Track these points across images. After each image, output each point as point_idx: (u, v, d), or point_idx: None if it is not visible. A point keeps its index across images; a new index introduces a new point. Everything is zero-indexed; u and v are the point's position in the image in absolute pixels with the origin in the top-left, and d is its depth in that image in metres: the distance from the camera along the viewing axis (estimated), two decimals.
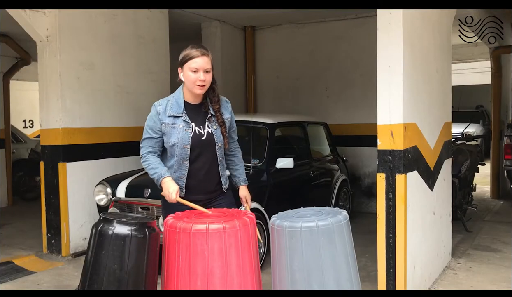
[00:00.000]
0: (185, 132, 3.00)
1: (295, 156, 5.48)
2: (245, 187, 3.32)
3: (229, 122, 3.17)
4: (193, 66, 2.94)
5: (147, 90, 6.42)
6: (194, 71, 2.94)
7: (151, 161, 3.04)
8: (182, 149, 3.00)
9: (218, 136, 3.07)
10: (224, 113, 3.13)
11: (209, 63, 2.97)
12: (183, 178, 3.04)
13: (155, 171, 3.01)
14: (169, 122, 3.02)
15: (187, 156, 3.01)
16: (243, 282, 2.61)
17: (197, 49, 2.97)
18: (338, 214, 2.75)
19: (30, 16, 5.22)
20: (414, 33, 3.90)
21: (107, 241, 2.63)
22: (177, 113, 3.02)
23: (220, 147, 3.09)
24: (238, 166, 3.32)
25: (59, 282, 4.69)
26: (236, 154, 3.32)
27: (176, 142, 2.99)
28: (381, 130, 3.75)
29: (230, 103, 3.22)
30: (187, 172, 3.03)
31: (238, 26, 8.20)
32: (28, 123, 14.51)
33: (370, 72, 4.61)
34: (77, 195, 5.57)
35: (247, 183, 3.34)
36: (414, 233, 3.94)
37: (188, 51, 2.97)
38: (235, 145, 3.32)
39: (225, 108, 3.15)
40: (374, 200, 4.18)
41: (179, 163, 3.02)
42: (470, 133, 10.68)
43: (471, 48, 11.94)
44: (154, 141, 3.07)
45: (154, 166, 3.02)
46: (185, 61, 2.97)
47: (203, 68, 2.94)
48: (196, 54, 2.94)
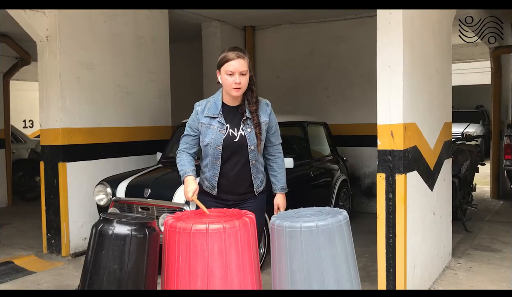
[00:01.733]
0: (219, 133, 3.04)
1: (295, 156, 5.47)
2: (281, 195, 3.27)
3: (266, 125, 3.13)
4: (228, 69, 2.96)
5: (147, 90, 6.42)
6: (230, 74, 2.97)
7: (182, 158, 3.13)
8: (214, 149, 3.05)
9: (251, 139, 3.06)
10: (262, 116, 3.10)
11: (245, 66, 2.98)
12: (215, 177, 3.09)
13: (182, 168, 3.09)
14: (205, 123, 3.07)
15: (219, 156, 3.05)
16: (243, 282, 2.61)
17: (233, 51, 2.99)
18: (338, 214, 2.74)
19: (30, 16, 5.22)
20: (414, 33, 3.90)
21: (107, 241, 2.63)
22: (214, 114, 3.06)
23: (253, 150, 3.08)
24: (276, 172, 3.27)
25: (59, 282, 4.69)
26: (275, 160, 3.27)
27: (210, 143, 3.05)
28: (381, 130, 3.75)
29: (270, 106, 3.19)
30: (219, 171, 3.08)
31: (238, 26, 8.20)
32: (28, 123, 14.51)
33: (370, 72, 4.61)
34: (77, 195, 5.57)
35: (285, 191, 3.29)
36: (414, 233, 3.94)
37: (225, 54, 3.00)
38: (276, 150, 3.27)
39: (263, 111, 3.12)
40: (374, 200, 4.18)
41: (212, 162, 3.08)
42: (470, 133, 10.68)
43: (471, 48, 11.93)
44: (191, 138, 3.16)
45: (183, 163, 3.11)
46: (221, 64, 2.99)
47: (238, 71, 2.96)
48: (232, 57, 2.96)
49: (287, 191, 3.31)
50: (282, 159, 3.32)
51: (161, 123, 6.60)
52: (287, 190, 3.31)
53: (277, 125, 3.25)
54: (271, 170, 3.28)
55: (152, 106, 6.50)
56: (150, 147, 6.22)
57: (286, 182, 3.31)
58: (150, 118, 6.47)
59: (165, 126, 6.66)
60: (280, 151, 3.30)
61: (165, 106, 6.71)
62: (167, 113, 6.74)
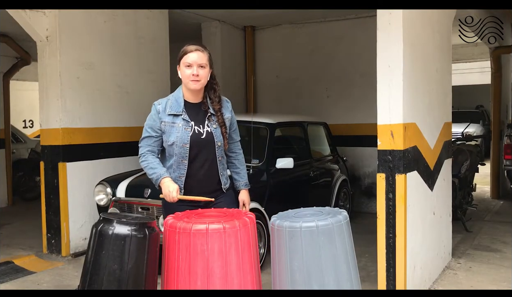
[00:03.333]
0: (185, 131, 2.99)
1: (295, 155, 5.47)
2: (245, 191, 3.28)
3: (229, 121, 3.15)
4: (186, 61, 2.96)
5: (147, 90, 6.42)
6: (188, 66, 2.96)
7: (150, 161, 3.03)
8: (181, 148, 2.99)
9: (217, 135, 3.06)
10: (225, 112, 3.12)
11: (203, 59, 2.97)
12: (182, 177, 3.02)
13: (154, 171, 2.99)
14: (169, 121, 3.01)
15: (186, 154, 2.99)
16: (243, 282, 2.61)
17: (192, 45, 2.99)
18: (338, 214, 2.75)
19: (30, 16, 5.22)
20: (414, 33, 3.90)
21: (107, 241, 2.63)
22: (177, 112, 3.02)
23: (220, 146, 3.08)
24: (239, 169, 3.28)
25: (59, 282, 4.69)
26: (237, 156, 3.28)
27: (176, 141, 2.98)
28: (381, 130, 3.75)
29: (230, 103, 3.21)
30: (186, 171, 3.01)
31: (238, 26, 8.20)
32: (28, 123, 14.51)
33: (370, 72, 4.61)
34: (77, 195, 5.57)
35: (248, 186, 3.30)
36: (414, 233, 3.94)
37: (184, 47, 3.00)
38: (237, 146, 3.28)
39: (225, 108, 3.14)
40: (374, 200, 4.18)
41: (178, 162, 3.01)
42: (470, 133, 10.69)
43: (471, 48, 11.94)
44: (153, 140, 3.05)
45: (153, 165, 3.01)
46: (180, 57, 3.00)
47: (196, 63, 2.95)
48: (190, 49, 2.97)
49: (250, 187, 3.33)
50: (243, 155, 3.33)
51: None
52: (250, 186, 3.33)
53: (236, 122, 3.26)
54: (233, 167, 3.28)
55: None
56: None
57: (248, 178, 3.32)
58: None
59: None
60: (240, 147, 3.31)
61: None
62: None
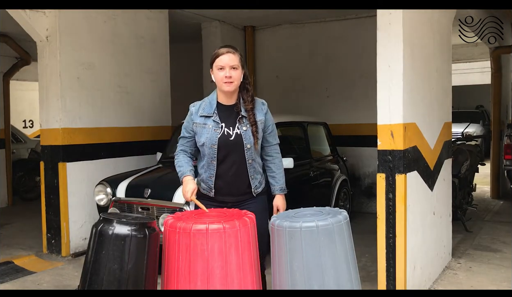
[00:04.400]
0: (214, 132, 3.02)
1: (295, 155, 5.46)
2: (280, 196, 3.23)
3: (262, 124, 3.11)
4: (219, 64, 2.99)
5: (147, 90, 6.42)
6: (220, 69, 2.99)
7: (179, 159, 3.14)
8: (210, 149, 3.03)
9: (247, 137, 3.04)
10: (258, 114, 3.09)
11: (235, 60, 3.00)
12: (212, 178, 3.06)
13: (179, 169, 3.10)
14: (200, 122, 3.06)
15: (214, 155, 3.03)
16: (243, 282, 2.61)
17: (223, 47, 3.04)
18: (338, 214, 2.75)
19: (30, 16, 5.22)
20: (414, 33, 3.90)
21: (107, 241, 2.63)
22: (208, 114, 3.06)
23: (249, 149, 3.05)
24: (275, 173, 3.23)
25: (59, 282, 4.69)
26: (273, 160, 3.23)
27: (205, 142, 3.03)
28: (381, 131, 3.75)
29: (267, 105, 3.18)
30: (215, 172, 3.05)
31: (238, 26, 8.20)
32: (28, 123, 14.51)
33: (370, 72, 4.60)
34: (77, 195, 5.57)
35: (284, 192, 3.24)
36: (414, 233, 3.94)
37: (216, 51, 3.04)
38: (274, 150, 3.24)
39: (259, 110, 3.11)
40: (374, 200, 4.18)
41: (208, 162, 3.05)
42: (470, 133, 10.68)
43: (471, 48, 11.94)
44: (186, 140, 3.16)
45: (181, 164, 3.11)
46: (213, 61, 3.03)
47: (228, 65, 2.98)
48: (222, 52, 3.01)
49: (287, 192, 3.27)
50: (280, 159, 3.28)
51: (161, 123, 6.60)
52: (287, 191, 3.27)
53: (274, 125, 3.23)
54: (269, 171, 3.25)
55: (152, 106, 6.51)
56: (150, 147, 6.22)
57: (285, 182, 3.27)
58: (150, 118, 6.47)
59: (165, 126, 6.65)
60: (278, 151, 3.27)
61: (165, 106, 6.71)
62: (167, 113, 6.74)
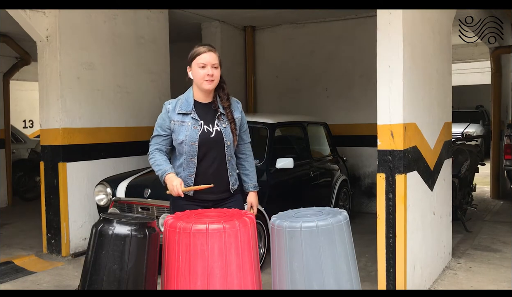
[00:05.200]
0: (194, 129, 3.02)
1: (295, 156, 5.47)
2: (254, 193, 3.27)
3: (239, 121, 3.15)
4: (200, 61, 3.01)
5: (147, 90, 6.42)
6: (202, 67, 3.01)
7: (157, 158, 3.08)
8: (190, 146, 3.02)
9: (227, 134, 3.07)
10: (234, 112, 3.13)
11: (216, 59, 3.04)
12: (191, 176, 3.05)
13: (159, 168, 3.04)
14: (178, 120, 3.06)
15: (195, 153, 3.02)
16: (243, 282, 2.61)
17: (203, 46, 3.06)
18: (338, 214, 2.75)
19: (30, 16, 5.22)
20: (414, 33, 3.90)
21: (107, 241, 2.63)
22: (186, 111, 3.06)
23: (229, 146, 3.08)
24: (248, 171, 3.27)
25: (59, 282, 4.69)
26: (247, 158, 3.27)
27: (185, 140, 3.02)
28: (381, 131, 3.75)
29: (241, 104, 3.22)
30: (195, 170, 3.04)
31: (238, 26, 8.20)
32: (28, 123, 14.52)
33: (370, 72, 4.61)
34: (77, 195, 5.57)
35: (257, 189, 3.28)
36: (414, 233, 3.94)
37: (195, 49, 3.06)
38: (247, 148, 3.27)
39: (235, 108, 3.15)
40: (374, 200, 4.18)
41: (188, 160, 3.04)
42: (470, 133, 10.67)
43: (471, 48, 11.95)
44: (162, 139, 3.12)
45: (159, 162, 3.06)
46: (193, 58, 3.04)
47: (210, 63, 3.01)
48: (203, 50, 3.03)
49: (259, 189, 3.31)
50: (253, 157, 3.32)
51: None
52: (259, 188, 3.31)
53: (247, 123, 3.27)
54: (242, 169, 3.27)
55: (152, 106, 6.50)
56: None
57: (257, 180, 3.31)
58: (150, 118, 6.46)
59: None
60: (250, 149, 3.31)
61: None
62: None
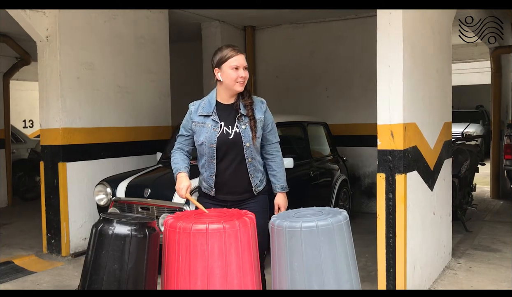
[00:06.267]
0: (213, 131, 3.03)
1: (295, 156, 5.46)
2: (282, 194, 3.22)
3: (261, 122, 3.11)
4: (233, 64, 3.00)
5: (147, 90, 6.42)
6: (235, 69, 3.00)
7: (175, 156, 3.15)
8: (209, 148, 3.04)
9: (246, 136, 3.04)
10: (257, 113, 3.09)
11: (245, 61, 3.06)
12: (212, 177, 3.07)
13: (175, 166, 3.11)
14: (199, 121, 3.08)
15: (213, 154, 3.03)
16: (243, 282, 2.61)
17: (233, 48, 3.06)
18: (338, 214, 2.74)
19: (30, 16, 5.22)
20: (414, 33, 3.90)
21: (107, 241, 2.63)
22: (207, 113, 3.07)
23: (248, 147, 3.05)
24: (275, 171, 3.22)
25: (59, 282, 4.69)
26: (274, 159, 3.23)
27: (204, 141, 3.04)
28: (381, 130, 3.74)
29: (266, 104, 3.18)
30: (215, 170, 3.06)
31: (238, 26, 8.20)
32: (28, 123, 14.52)
33: (370, 72, 4.60)
34: (77, 195, 5.57)
35: (285, 190, 3.23)
36: (414, 233, 3.94)
37: (226, 51, 3.04)
38: (274, 148, 3.23)
39: (258, 109, 3.11)
40: (374, 200, 4.18)
41: (208, 161, 3.07)
42: (470, 133, 10.67)
43: (471, 48, 11.95)
44: (184, 138, 3.18)
45: (176, 161, 3.13)
46: (224, 61, 3.02)
47: (242, 65, 3.02)
48: (235, 52, 3.03)
49: (288, 190, 3.27)
50: (281, 158, 3.28)
51: (161, 123, 6.60)
52: (288, 189, 3.27)
53: (274, 123, 3.23)
54: (270, 169, 3.24)
55: (152, 106, 6.51)
56: (150, 147, 6.22)
57: (286, 181, 3.27)
58: (150, 118, 6.48)
59: (165, 126, 6.66)
60: (279, 149, 3.27)
61: (165, 106, 6.71)
62: (167, 113, 6.74)
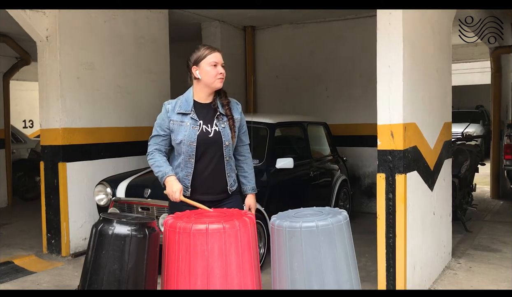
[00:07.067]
0: (192, 129, 3.02)
1: (295, 156, 5.47)
2: (252, 196, 3.26)
3: (238, 122, 3.14)
4: (212, 60, 3.03)
5: (147, 90, 6.42)
6: (213, 66, 3.03)
7: (156, 159, 3.06)
8: (188, 146, 3.01)
9: (226, 135, 3.06)
10: (234, 113, 3.13)
11: (222, 59, 3.10)
12: (189, 176, 3.04)
13: (159, 169, 3.03)
14: (177, 120, 3.06)
15: (193, 153, 3.01)
16: (243, 282, 2.61)
17: (210, 46, 3.11)
18: (338, 214, 2.75)
19: (30, 16, 5.22)
20: (414, 33, 3.90)
21: (107, 241, 2.63)
22: (186, 111, 3.06)
23: (228, 146, 3.07)
24: (247, 173, 3.25)
25: (59, 282, 4.69)
26: (245, 160, 3.26)
27: (183, 139, 3.02)
28: (381, 131, 3.75)
29: (240, 106, 3.22)
30: (192, 170, 3.03)
31: (238, 26, 8.20)
32: (28, 123, 14.52)
33: (370, 72, 4.60)
34: (77, 195, 5.57)
35: (255, 191, 3.27)
36: (414, 233, 3.94)
37: (203, 49, 3.08)
38: (245, 150, 3.26)
39: (235, 109, 3.15)
40: (374, 200, 4.18)
41: (186, 160, 3.03)
42: (470, 133, 10.67)
43: (471, 48, 11.95)
44: (161, 139, 3.11)
45: (159, 164, 3.04)
46: (202, 58, 3.05)
47: (220, 62, 3.07)
48: (213, 50, 3.08)
49: (257, 192, 3.30)
50: (251, 159, 3.31)
51: None
52: (257, 191, 3.30)
53: (246, 125, 3.26)
54: (241, 171, 3.26)
55: (152, 106, 6.49)
56: None
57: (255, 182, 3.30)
58: (150, 118, 6.44)
59: None
60: (249, 151, 3.30)
61: None
62: None
